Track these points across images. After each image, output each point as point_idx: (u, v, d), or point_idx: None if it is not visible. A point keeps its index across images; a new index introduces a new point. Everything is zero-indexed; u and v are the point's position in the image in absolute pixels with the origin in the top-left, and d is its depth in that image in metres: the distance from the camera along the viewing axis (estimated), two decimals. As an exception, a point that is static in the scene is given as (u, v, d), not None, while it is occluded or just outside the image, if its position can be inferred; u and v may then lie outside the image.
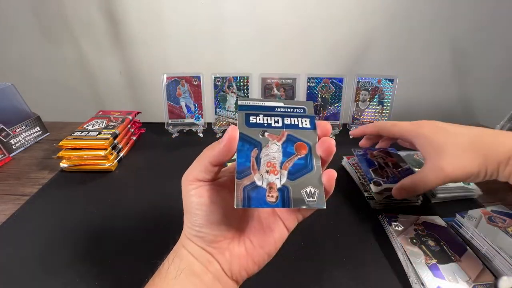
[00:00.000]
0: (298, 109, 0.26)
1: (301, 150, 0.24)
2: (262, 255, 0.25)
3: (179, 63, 0.89)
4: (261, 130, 0.24)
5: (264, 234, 0.26)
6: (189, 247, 0.24)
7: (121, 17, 0.82)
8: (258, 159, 0.23)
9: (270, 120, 0.25)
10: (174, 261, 0.24)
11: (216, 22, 0.82)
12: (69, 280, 0.35)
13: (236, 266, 0.25)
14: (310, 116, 0.26)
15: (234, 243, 0.25)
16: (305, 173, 0.23)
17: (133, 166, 0.60)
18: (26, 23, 0.84)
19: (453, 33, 0.82)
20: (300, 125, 0.25)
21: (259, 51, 0.85)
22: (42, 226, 0.44)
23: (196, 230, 0.24)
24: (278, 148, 0.24)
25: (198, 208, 0.23)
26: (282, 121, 0.25)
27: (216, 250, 0.24)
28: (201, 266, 0.24)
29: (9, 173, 0.57)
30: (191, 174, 0.24)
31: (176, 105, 0.68)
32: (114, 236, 0.42)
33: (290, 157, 0.23)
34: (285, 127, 0.25)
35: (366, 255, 0.39)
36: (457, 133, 0.36)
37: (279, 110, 0.26)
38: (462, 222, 0.41)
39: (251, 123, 0.24)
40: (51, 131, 0.73)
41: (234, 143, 0.22)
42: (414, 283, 0.34)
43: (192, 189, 0.23)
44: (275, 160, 0.23)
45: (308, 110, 0.26)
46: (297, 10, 0.80)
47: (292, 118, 0.25)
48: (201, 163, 0.23)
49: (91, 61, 0.91)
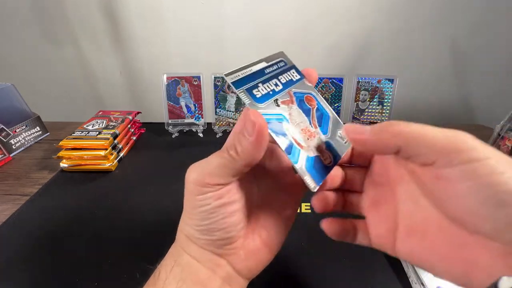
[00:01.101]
0: (280, 63, 0.24)
1: (311, 102, 0.23)
2: (276, 241, 0.23)
3: (179, 63, 0.89)
4: (273, 100, 0.21)
5: (278, 216, 0.23)
6: (192, 251, 0.21)
7: (121, 17, 0.82)
8: (292, 131, 0.21)
9: (271, 86, 0.22)
10: (173, 270, 0.21)
11: (216, 22, 0.82)
12: (69, 280, 0.35)
13: (253, 261, 0.22)
14: (293, 66, 0.25)
15: (249, 238, 0.22)
16: (327, 121, 0.23)
17: (133, 166, 0.60)
18: (26, 23, 0.84)
19: (453, 33, 0.82)
20: (293, 79, 0.24)
21: (259, 51, 0.85)
22: (42, 226, 0.44)
23: (207, 235, 0.20)
24: (298, 111, 0.22)
25: (213, 211, 0.19)
26: (279, 81, 0.23)
27: (229, 251, 0.21)
28: (208, 273, 0.21)
29: (9, 173, 0.57)
30: (207, 174, 0.19)
31: (176, 105, 0.68)
32: (114, 236, 0.42)
33: (310, 114, 0.23)
34: (285, 86, 0.23)
35: (366, 255, 0.39)
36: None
37: (267, 71, 0.23)
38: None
39: (259, 98, 0.21)
40: (51, 131, 0.73)
41: (266, 134, 0.18)
42: (414, 283, 0.34)
43: (208, 191, 0.19)
44: (305, 123, 0.22)
45: (287, 61, 0.25)
46: (297, 10, 0.80)
47: (282, 74, 0.23)
48: (228, 164, 0.19)
49: (91, 61, 0.91)
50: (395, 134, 0.17)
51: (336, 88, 0.69)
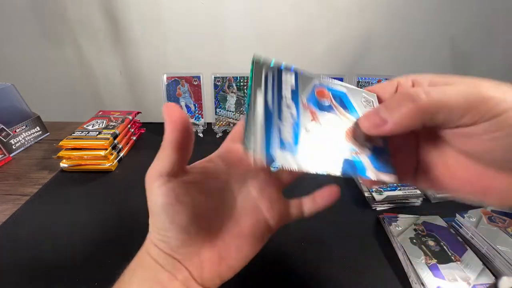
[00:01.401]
0: (266, 75, 0.21)
1: (324, 95, 0.22)
2: (238, 260, 0.23)
3: (179, 63, 0.89)
4: (304, 132, 0.19)
5: (242, 235, 0.23)
6: (153, 254, 0.22)
7: (121, 17, 0.82)
8: (343, 146, 0.20)
9: (288, 118, 0.20)
10: (135, 271, 0.22)
11: (216, 22, 0.82)
12: (69, 280, 0.35)
13: (207, 272, 0.22)
14: (273, 67, 0.22)
15: (205, 247, 0.22)
16: (348, 100, 0.22)
17: (133, 166, 0.60)
18: (26, 23, 0.84)
19: (453, 33, 0.82)
20: (292, 82, 0.22)
21: (259, 51, 0.85)
22: (42, 226, 0.44)
23: (161, 234, 0.21)
24: (326, 117, 0.21)
25: (162, 209, 0.20)
26: (287, 101, 0.20)
27: (184, 256, 0.22)
28: (168, 275, 0.21)
29: (9, 173, 0.57)
30: (153, 169, 0.21)
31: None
32: (114, 236, 0.42)
33: (334, 107, 0.21)
34: (295, 101, 0.21)
35: (366, 255, 0.39)
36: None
37: (270, 103, 0.20)
38: (462, 222, 0.41)
39: (292, 143, 0.19)
40: (51, 131, 0.73)
41: (178, 116, 0.20)
42: (414, 283, 0.34)
43: (157, 187, 0.21)
44: (339, 123, 0.21)
45: (265, 65, 0.22)
46: (297, 10, 0.80)
47: (281, 90, 0.21)
48: (162, 154, 0.21)
49: (91, 61, 0.91)
50: (416, 115, 0.16)
51: (336, 88, 0.69)
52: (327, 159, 0.19)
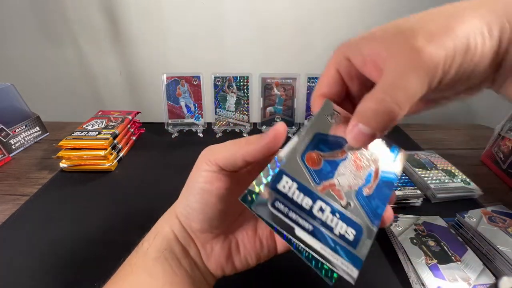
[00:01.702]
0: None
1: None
2: (242, 262, 0.24)
3: (179, 63, 0.89)
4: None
5: (253, 244, 0.24)
6: (174, 227, 0.23)
7: (121, 17, 0.82)
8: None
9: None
10: (155, 241, 0.23)
11: (216, 22, 0.82)
12: (69, 280, 0.35)
13: (213, 261, 0.23)
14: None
15: (219, 240, 0.23)
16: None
17: (133, 166, 0.60)
18: (26, 23, 0.84)
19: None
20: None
21: (259, 51, 0.85)
22: (42, 226, 0.44)
23: (187, 210, 0.22)
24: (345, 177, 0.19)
25: (199, 192, 0.21)
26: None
27: (199, 239, 0.23)
28: (183, 249, 0.23)
29: (8, 173, 0.57)
30: (213, 154, 0.21)
31: (176, 105, 0.68)
32: (114, 236, 0.42)
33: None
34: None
35: (366, 255, 0.39)
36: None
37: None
38: (462, 222, 0.41)
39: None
40: (51, 131, 0.73)
41: (279, 142, 0.19)
42: (414, 283, 0.34)
43: (206, 170, 0.20)
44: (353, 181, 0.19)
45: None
46: (297, 10, 0.80)
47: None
48: (231, 151, 0.20)
49: (91, 61, 0.91)
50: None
51: (336, 88, 0.69)
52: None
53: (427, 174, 0.51)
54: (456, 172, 0.52)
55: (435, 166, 0.54)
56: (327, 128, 0.19)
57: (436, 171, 0.52)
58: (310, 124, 0.19)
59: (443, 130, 0.78)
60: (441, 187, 0.48)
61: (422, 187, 0.50)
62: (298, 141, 0.18)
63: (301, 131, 0.19)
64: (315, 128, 0.19)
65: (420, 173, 0.52)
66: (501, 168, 0.56)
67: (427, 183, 0.49)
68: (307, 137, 0.19)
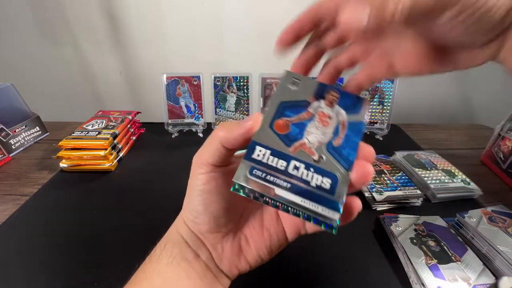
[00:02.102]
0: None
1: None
2: (255, 257, 0.24)
3: (179, 63, 0.89)
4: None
5: (262, 237, 0.24)
6: (183, 232, 0.23)
7: (121, 17, 0.82)
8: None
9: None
10: (166, 247, 0.23)
11: (216, 22, 0.82)
12: (69, 280, 0.35)
13: (226, 261, 0.24)
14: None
15: (229, 238, 0.24)
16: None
17: (133, 166, 0.60)
18: (26, 23, 0.84)
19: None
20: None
21: (259, 51, 0.85)
22: (42, 226, 0.44)
23: (193, 215, 0.23)
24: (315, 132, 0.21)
25: (200, 194, 0.21)
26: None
27: (209, 241, 0.23)
28: (194, 253, 0.23)
29: (8, 173, 0.57)
30: (201, 155, 0.21)
31: (176, 105, 0.68)
32: (114, 236, 0.42)
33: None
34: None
35: (366, 255, 0.39)
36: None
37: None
38: (462, 222, 0.41)
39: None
40: (51, 131, 0.73)
41: (254, 129, 0.20)
42: (414, 283, 0.34)
43: (200, 173, 0.21)
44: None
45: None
46: (297, 10, 0.79)
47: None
48: (213, 145, 0.21)
49: (91, 61, 0.91)
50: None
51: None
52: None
53: (427, 174, 0.52)
54: (456, 172, 0.52)
55: (435, 166, 0.54)
56: (290, 96, 0.21)
57: (436, 171, 0.52)
58: (272, 96, 0.21)
59: (443, 130, 0.78)
60: (441, 187, 0.48)
61: (422, 187, 0.50)
62: (266, 114, 0.20)
63: (267, 104, 0.21)
64: (278, 98, 0.21)
65: (420, 173, 0.52)
66: (501, 168, 0.56)
67: (427, 183, 0.49)
68: (273, 108, 0.20)
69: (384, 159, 0.57)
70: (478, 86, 0.91)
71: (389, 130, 0.70)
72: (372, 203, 0.47)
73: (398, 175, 0.52)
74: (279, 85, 0.22)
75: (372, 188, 0.48)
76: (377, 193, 0.47)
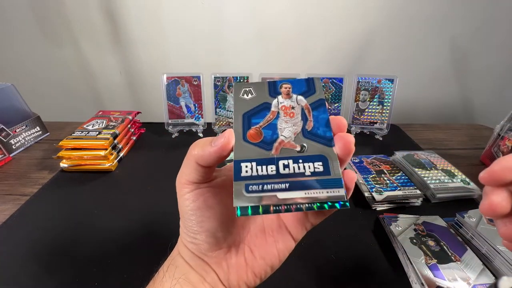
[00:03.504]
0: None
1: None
2: (263, 267, 0.23)
3: (179, 63, 0.89)
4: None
5: (266, 244, 0.23)
6: (185, 255, 0.23)
7: (121, 17, 0.82)
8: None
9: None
10: (169, 269, 0.23)
11: (216, 22, 0.82)
12: (69, 280, 0.35)
13: (234, 277, 0.23)
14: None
15: (232, 253, 0.23)
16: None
17: (133, 166, 0.60)
18: (26, 23, 0.84)
19: (453, 33, 0.82)
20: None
21: (259, 51, 0.85)
22: (42, 226, 0.44)
23: (191, 236, 0.22)
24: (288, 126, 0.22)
25: (192, 213, 0.21)
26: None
27: (212, 260, 0.22)
28: (198, 276, 0.22)
29: (9, 173, 0.57)
30: (182, 176, 0.22)
31: (176, 105, 0.68)
32: (114, 236, 0.42)
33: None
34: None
35: (366, 255, 0.39)
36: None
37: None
38: (462, 222, 0.41)
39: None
40: (51, 131, 0.73)
41: (229, 148, 0.20)
42: (414, 283, 0.34)
43: (186, 192, 0.21)
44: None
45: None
46: (297, 10, 0.80)
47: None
48: (189, 164, 0.21)
49: (91, 61, 0.91)
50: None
51: (336, 88, 0.69)
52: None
53: (427, 174, 0.52)
54: (456, 172, 0.52)
55: (435, 166, 0.54)
56: (248, 105, 0.22)
57: (436, 171, 0.52)
58: (234, 111, 0.22)
59: (443, 130, 0.78)
60: (440, 187, 0.48)
61: (422, 187, 0.50)
62: (235, 130, 0.20)
63: (233, 122, 0.21)
64: (239, 112, 0.21)
65: (420, 173, 0.52)
66: (501, 168, 0.56)
67: (426, 183, 0.49)
68: (238, 122, 0.21)
69: (384, 159, 0.57)
70: (478, 86, 0.91)
71: (389, 130, 0.70)
72: (372, 203, 0.47)
73: (397, 175, 0.52)
74: (234, 99, 0.22)
75: (372, 188, 0.48)
76: (377, 193, 0.47)
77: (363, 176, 0.52)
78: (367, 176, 0.51)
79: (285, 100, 0.22)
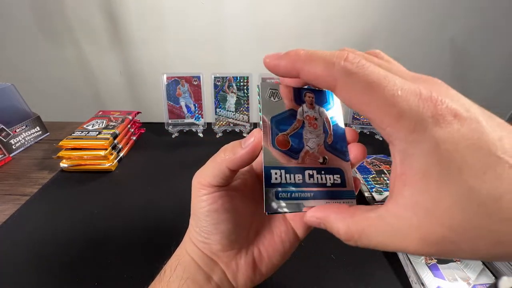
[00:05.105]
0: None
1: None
2: (270, 266, 0.24)
3: (179, 63, 0.89)
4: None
5: (274, 244, 0.24)
6: (193, 254, 0.23)
7: (121, 18, 0.82)
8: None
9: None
10: (177, 269, 0.23)
11: (216, 22, 0.82)
12: (69, 280, 0.35)
13: (241, 277, 0.23)
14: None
15: (242, 253, 0.23)
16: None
17: (133, 166, 0.60)
18: (26, 23, 0.84)
19: (453, 33, 0.82)
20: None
21: (259, 51, 0.85)
22: (42, 226, 0.44)
23: (203, 236, 0.22)
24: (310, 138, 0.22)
25: (208, 215, 0.21)
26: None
27: (222, 259, 0.23)
28: (205, 275, 0.22)
29: (9, 173, 0.57)
30: (204, 177, 0.21)
31: (176, 105, 0.68)
32: (114, 236, 0.42)
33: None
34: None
35: (366, 255, 0.39)
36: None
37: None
38: (462, 222, 0.41)
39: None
40: (51, 131, 0.73)
41: (259, 148, 0.20)
42: (414, 283, 0.34)
43: (204, 194, 0.21)
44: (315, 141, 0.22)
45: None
46: (297, 10, 0.80)
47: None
48: (217, 167, 0.21)
49: (91, 61, 0.91)
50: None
51: (336, 88, 0.69)
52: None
53: (427, 174, 0.52)
54: (456, 172, 0.52)
55: (435, 166, 0.54)
56: (276, 109, 0.21)
57: (436, 171, 0.52)
58: (263, 113, 0.21)
59: (443, 130, 0.78)
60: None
61: (422, 187, 0.50)
62: (263, 132, 0.20)
63: (261, 123, 0.21)
64: (268, 114, 0.21)
65: (420, 173, 0.52)
66: (501, 168, 0.56)
67: (427, 183, 0.49)
68: (267, 125, 0.21)
69: (384, 159, 0.57)
70: (478, 86, 0.91)
71: (389, 130, 0.70)
72: (372, 203, 0.47)
73: (398, 175, 0.52)
74: (262, 99, 0.22)
75: (372, 188, 0.48)
76: (377, 193, 0.47)
77: (363, 176, 0.52)
78: (367, 176, 0.51)
79: (309, 110, 0.22)
